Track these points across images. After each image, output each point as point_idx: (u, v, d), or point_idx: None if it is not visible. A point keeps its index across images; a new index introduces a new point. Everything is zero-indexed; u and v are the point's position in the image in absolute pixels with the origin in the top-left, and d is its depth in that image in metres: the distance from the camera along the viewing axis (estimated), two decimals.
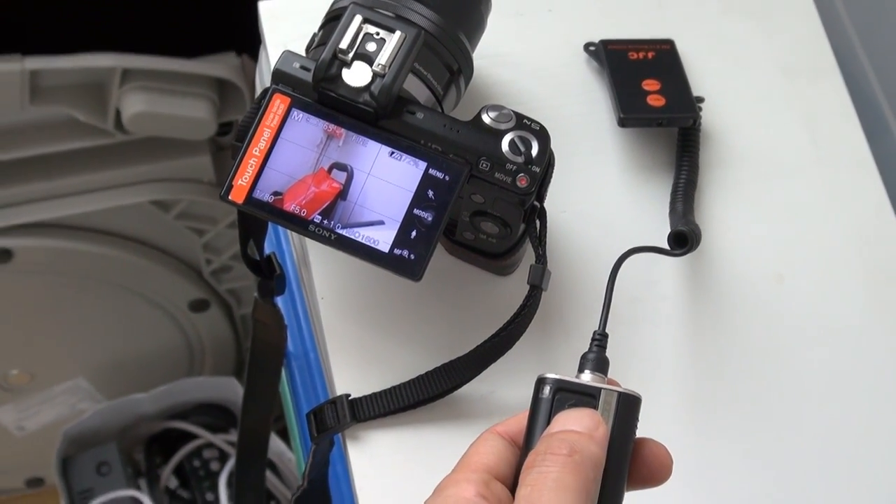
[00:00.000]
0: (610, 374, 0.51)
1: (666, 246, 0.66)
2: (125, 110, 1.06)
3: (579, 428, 0.47)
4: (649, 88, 0.73)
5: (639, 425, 0.49)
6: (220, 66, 1.09)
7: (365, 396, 0.65)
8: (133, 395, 1.31)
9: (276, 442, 1.27)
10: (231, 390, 1.33)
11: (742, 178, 0.74)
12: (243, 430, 0.91)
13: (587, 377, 0.50)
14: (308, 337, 0.86)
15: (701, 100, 0.74)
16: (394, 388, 0.65)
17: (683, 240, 0.66)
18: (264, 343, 0.79)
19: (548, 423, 0.49)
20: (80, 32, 1.10)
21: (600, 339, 0.52)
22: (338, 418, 0.64)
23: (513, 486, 0.48)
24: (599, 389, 0.49)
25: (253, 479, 0.96)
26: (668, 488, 0.51)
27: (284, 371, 0.92)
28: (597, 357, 0.51)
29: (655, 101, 0.73)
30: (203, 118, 1.09)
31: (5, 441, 1.45)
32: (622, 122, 0.72)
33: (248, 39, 1.08)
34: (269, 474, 1.24)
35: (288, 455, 1.27)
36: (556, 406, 0.49)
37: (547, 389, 0.49)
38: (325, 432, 0.65)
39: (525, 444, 0.49)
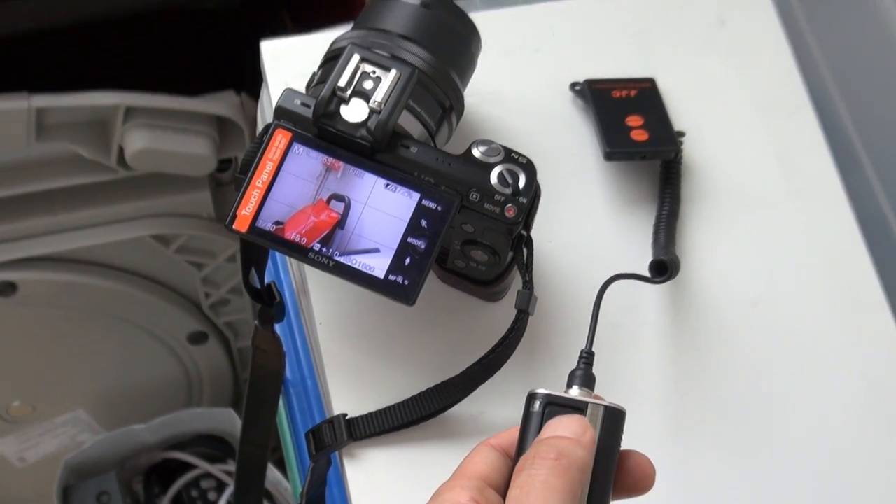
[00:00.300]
0: (595, 393, 0.54)
1: (647, 274, 0.70)
2: (128, 147, 1.08)
3: (568, 434, 0.50)
4: (633, 124, 0.76)
5: (623, 439, 0.53)
6: (220, 104, 1.11)
7: (361, 416, 0.67)
8: (132, 426, 1.33)
9: (272, 472, 1.28)
10: (228, 421, 1.35)
11: (720, 209, 0.77)
12: (242, 456, 0.93)
13: (575, 392, 0.54)
14: (306, 364, 0.88)
15: (682, 134, 0.77)
16: (389, 407, 0.67)
17: (664, 268, 0.69)
18: (264, 369, 0.81)
19: (538, 434, 0.51)
20: (85, 71, 1.13)
21: (587, 357, 0.55)
22: (335, 437, 0.67)
23: (504, 494, 0.51)
24: (587, 403, 0.52)
25: None
26: (651, 499, 0.54)
27: (282, 398, 0.95)
28: (584, 374, 0.54)
29: (639, 135, 0.76)
30: (203, 154, 1.11)
31: (6, 472, 1.45)
32: (608, 156, 0.75)
33: (247, 79, 1.11)
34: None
35: (284, 485, 1.29)
36: (546, 419, 0.52)
37: (537, 403, 0.52)
38: (324, 450, 0.67)
39: (517, 454, 0.52)
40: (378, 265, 0.62)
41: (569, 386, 0.54)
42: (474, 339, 0.68)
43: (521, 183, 0.63)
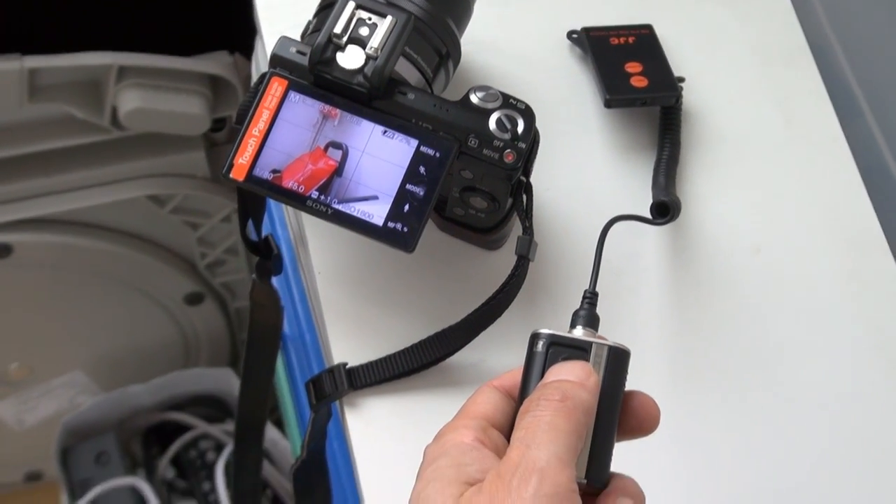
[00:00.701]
0: (599, 333, 0.54)
1: (649, 216, 0.69)
2: (121, 107, 1.08)
3: (572, 378, 0.50)
4: (632, 70, 0.76)
5: (627, 381, 0.52)
6: (213, 63, 1.11)
7: (361, 365, 0.67)
8: (130, 387, 1.33)
9: (270, 431, 1.29)
10: (226, 381, 1.35)
11: (720, 155, 0.77)
12: (241, 413, 0.93)
13: (579, 332, 0.53)
14: (304, 319, 0.88)
15: (682, 79, 0.77)
16: (389, 356, 0.67)
17: (665, 209, 0.69)
18: (262, 324, 0.81)
19: (542, 375, 0.51)
20: (77, 32, 1.12)
21: (591, 298, 0.55)
22: (336, 386, 0.67)
23: (508, 434, 0.51)
24: (591, 343, 0.52)
25: (250, 462, 0.98)
26: (655, 442, 0.54)
27: (281, 353, 0.95)
28: (588, 314, 0.54)
29: (638, 81, 0.75)
30: (197, 114, 1.11)
31: (5, 434, 1.46)
32: (608, 104, 0.75)
33: (240, 38, 1.10)
34: (264, 463, 1.26)
35: (283, 443, 1.29)
36: (550, 359, 0.52)
37: (541, 344, 0.52)
38: (324, 399, 0.67)
39: (520, 395, 0.52)
40: (377, 212, 0.62)
41: (572, 326, 0.54)
42: (474, 286, 0.68)
43: (520, 128, 0.63)
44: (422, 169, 0.62)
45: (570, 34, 0.79)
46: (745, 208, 0.75)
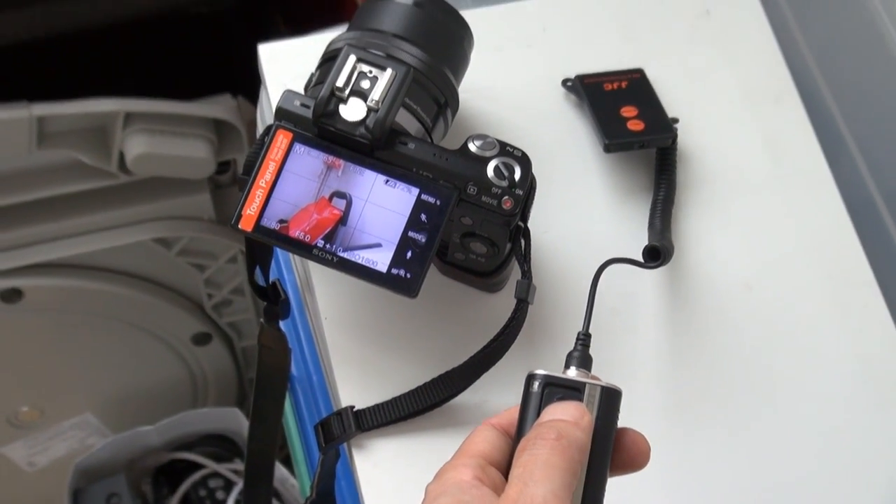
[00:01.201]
0: (592, 373, 0.56)
1: (642, 260, 0.72)
2: (128, 152, 1.10)
3: (567, 417, 0.52)
4: (628, 115, 0.78)
5: (620, 418, 0.54)
6: (217, 107, 1.13)
7: (368, 407, 0.69)
8: (140, 428, 1.34)
9: (279, 469, 1.30)
10: (234, 420, 1.37)
11: (712, 194, 0.78)
12: (250, 453, 0.94)
13: (573, 373, 0.55)
14: (311, 360, 0.90)
15: (676, 120, 0.79)
16: (395, 399, 0.69)
17: (657, 254, 0.71)
18: (270, 367, 0.83)
19: (538, 414, 0.53)
20: (84, 79, 1.14)
21: (584, 339, 0.57)
22: (343, 428, 0.69)
23: (506, 472, 0.53)
24: (584, 384, 0.54)
25: (261, 500, 0.99)
26: (649, 479, 0.56)
27: (288, 395, 0.96)
28: (581, 355, 0.56)
29: (635, 125, 0.77)
30: (203, 157, 1.12)
31: (17, 477, 1.47)
32: (607, 148, 0.77)
33: (243, 82, 1.12)
34: (274, 502, 1.28)
35: (291, 481, 1.30)
36: (546, 399, 0.54)
37: (536, 384, 0.54)
38: (333, 442, 0.69)
39: (517, 434, 0.54)
40: (381, 259, 0.64)
41: (566, 367, 0.56)
42: (476, 329, 0.70)
43: (517, 175, 0.65)
44: (423, 216, 0.64)
45: (564, 82, 0.81)
46: (736, 246, 0.77)
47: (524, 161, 0.65)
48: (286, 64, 0.80)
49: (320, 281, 0.74)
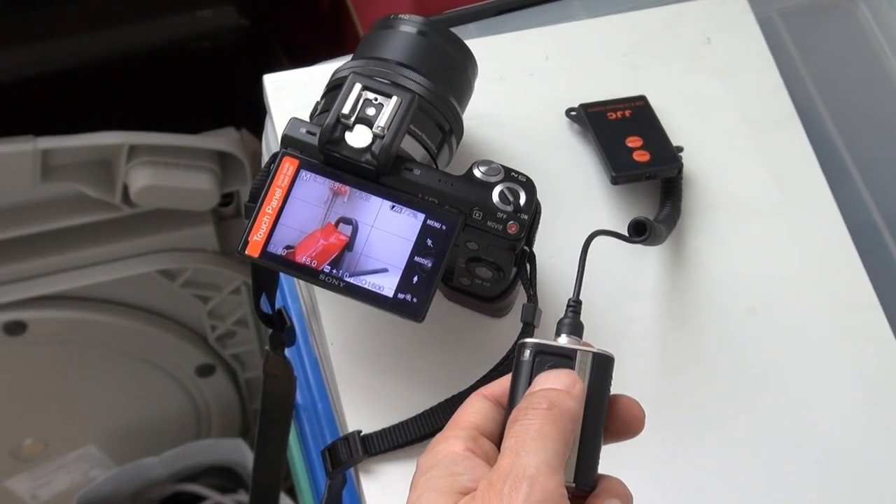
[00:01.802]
0: (584, 340, 0.56)
1: (628, 235, 0.71)
2: (132, 185, 1.11)
3: (558, 386, 0.52)
4: (633, 145, 0.78)
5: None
6: (221, 140, 1.14)
7: (375, 432, 0.69)
8: (143, 460, 1.34)
9: (283, 500, 1.30)
10: (238, 452, 1.37)
11: (716, 219, 0.79)
12: (255, 483, 0.94)
13: (564, 340, 0.55)
14: (316, 388, 0.90)
15: (681, 149, 0.79)
16: (402, 423, 0.69)
17: (642, 228, 0.71)
18: (275, 396, 0.83)
19: (529, 383, 0.53)
20: (88, 112, 1.15)
21: (574, 306, 0.57)
22: (351, 453, 0.69)
23: (498, 442, 0.53)
24: (575, 351, 0.54)
25: None
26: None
27: (293, 423, 0.96)
28: (572, 322, 0.56)
29: (641, 156, 0.78)
30: (206, 189, 1.13)
31: None
32: (614, 181, 0.77)
33: (246, 115, 1.13)
34: None
35: None
36: (537, 367, 0.53)
37: (527, 353, 0.54)
38: (340, 467, 0.69)
39: (509, 404, 0.54)
40: (387, 284, 0.64)
41: (557, 334, 0.56)
42: (481, 353, 0.70)
43: (522, 200, 0.65)
44: (429, 241, 0.65)
45: (568, 111, 0.81)
46: (740, 270, 0.77)
47: (529, 186, 0.66)
48: (291, 94, 0.81)
49: (326, 307, 0.74)
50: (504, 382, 0.55)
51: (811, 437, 0.73)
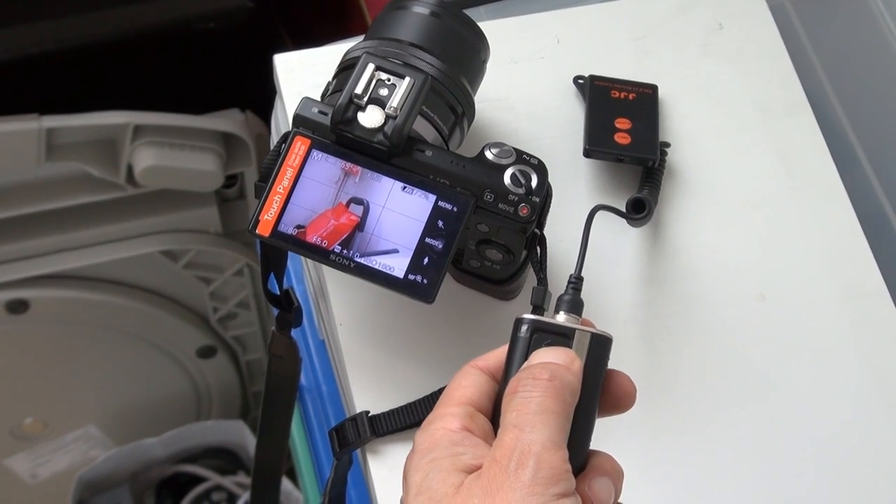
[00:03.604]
0: (583, 318, 0.55)
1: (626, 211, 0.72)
2: (137, 165, 1.11)
3: (557, 360, 0.52)
4: (620, 126, 0.78)
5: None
6: (226, 121, 1.14)
7: (383, 413, 0.69)
8: (143, 440, 1.34)
9: (283, 483, 1.30)
10: (238, 434, 1.37)
11: (727, 206, 0.79)
12: (258, 463, 0.94)
13: (562, 318, 0.54)
14: (321, 370, 0.90)
15: (667, 145, 0.79)
16: (410, 403, 0.69)
17: (641, 206, 0.71)
18: (279, 376, 0.83)
19: (525, 359, 0.52)
20: (93, 92, 1.15)
21: (575, 283, 0.56)
22: (358, 433, 0.69)
23: (492, 418, 0.52)
24: (574, 330, 0.53)
25: None
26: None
27: (297, 405, 0.96)
28: (572, 299, 0.55)
29: (622, 138, 0.77)
30: (211, 171, 1.13)
31: (19, 489, 1.47)
32: (587, 153, 0.77)
33: (251, 96, 1.13)
34: None
35: (296, 494, 1.30)
36: (534, 344, 0.53)
37: (524, 328, 0.53)
38: (348, 447, 0.69)
39: (504, 377, 0.53)
40: (397, 265, 0.64)
41: (556, 311, 0.55)
42: (490, 336, 0.68)
43: (534, 183, 0.65)
44: (440, 223, 0.64)
45: (576, 79, 0.81)
46: (749, 256, 0.77)
47: (541, 169, 0.66)
48: (301, 74, 0.80)
49: (335, 288, 0.74)
50: (499, 354, 0.54)
51: (819, 422, 0.73)
